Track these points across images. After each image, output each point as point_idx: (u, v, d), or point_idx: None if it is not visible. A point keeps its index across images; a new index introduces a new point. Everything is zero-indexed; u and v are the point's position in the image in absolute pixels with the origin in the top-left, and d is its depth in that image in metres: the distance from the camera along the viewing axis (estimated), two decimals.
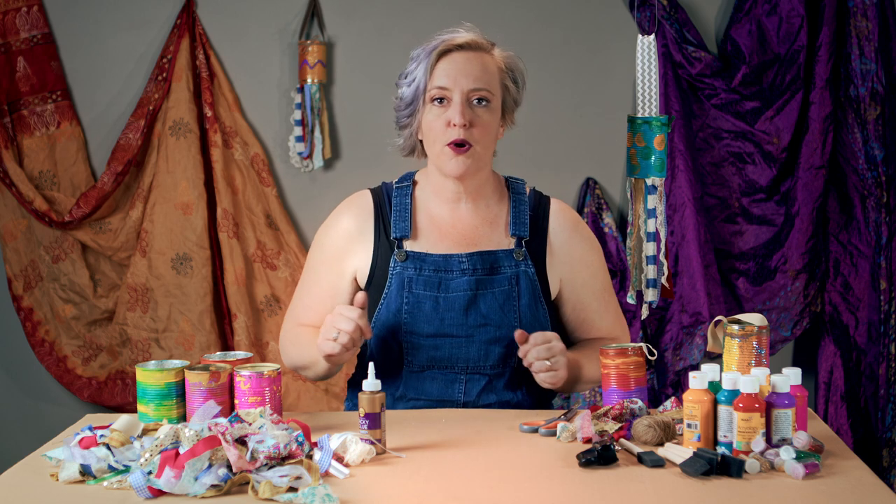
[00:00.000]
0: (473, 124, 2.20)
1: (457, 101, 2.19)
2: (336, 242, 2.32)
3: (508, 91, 2.27)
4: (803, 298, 3.85)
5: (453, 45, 2.22)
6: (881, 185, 3.76)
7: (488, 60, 2.24)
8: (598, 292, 2.35)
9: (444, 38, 2.24)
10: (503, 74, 2.26)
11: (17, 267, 3.88)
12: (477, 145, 2.21)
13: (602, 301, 2.36)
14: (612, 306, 2.38)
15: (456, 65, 2.21)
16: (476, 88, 2.20)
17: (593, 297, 2.35)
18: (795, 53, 3.77)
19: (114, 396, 3.86)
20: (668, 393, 3.80)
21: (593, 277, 2.35)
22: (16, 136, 3.84)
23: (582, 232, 2.36)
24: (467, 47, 2.22)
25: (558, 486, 1.73)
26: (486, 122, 2.22)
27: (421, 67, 2.22)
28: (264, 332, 3.85)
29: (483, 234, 2.29)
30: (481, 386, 2.25)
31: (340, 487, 1.71)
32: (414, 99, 2.24)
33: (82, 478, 1.77)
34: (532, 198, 2.34)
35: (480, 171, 2.27)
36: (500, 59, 2.26)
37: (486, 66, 2.23)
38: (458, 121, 2.18)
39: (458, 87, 2.20)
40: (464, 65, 2.21)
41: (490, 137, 2.23)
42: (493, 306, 2.22)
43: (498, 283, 2.24)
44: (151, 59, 3.87)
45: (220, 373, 2.00)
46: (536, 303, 2.26)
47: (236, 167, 3.86)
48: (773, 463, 1.77)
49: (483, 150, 2.23)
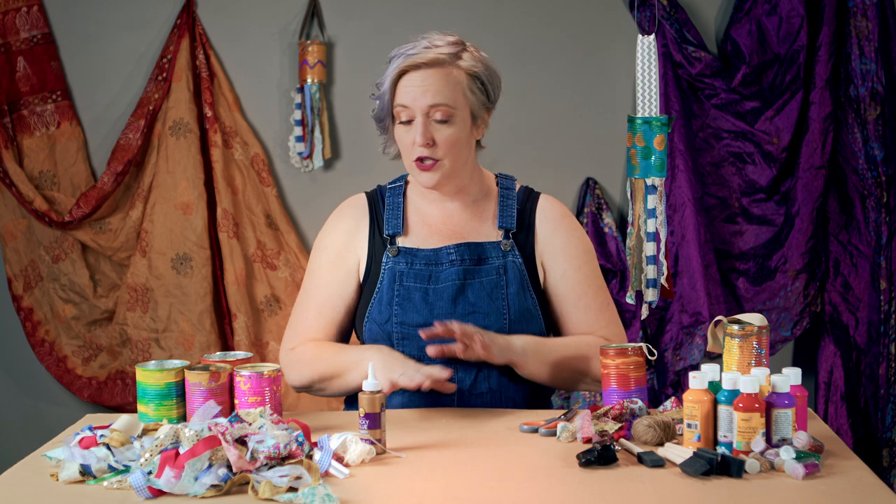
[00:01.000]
0: (436, 141, 2.24)
1: (418, 121, 2.24)
2: (336, 244, 2.36)
3: (476, 97, 2.28)
4: (803, 298, 3.85)
5: (411, 65, 2.24)
6: (881, 185, 3.76)
7: (448, 75, 2.25)
8: (579, 284, 2.33)
9: (408, 53, 2.25)
10: (467, 84, 2.27)
11: (17, 267, 3.88)
12: (444, 159, 2.26)
13: (584, 295, 2.33)
14: (596, 303, 2.34)
15: (414, 84, 2.24)
16: (436, 105, 2.23)
17: (571, 289, 2.32)
18: (795, 53, 3.76)
19: (114, 396, 3.86)
20: (668, 393, 3.80)
21: (576, 270, 2.33)
22: (16, 136, 3.84)
23: (567, 224, 2.36)
24: (425, 66, 2.24)
25: (558, 486, 1.73)
26: (448, 136, 2.25)
27: (385, 86, 2.27)
28: (264, 332, 3.85)
29: (471, 228, 2.34)
30: (473, 375, 2.26)
31: (340, 487, 1.71)
32: (384, 115, 2.30)
33: (82, 478, 1.77)
34: (521, 193, 2.38)
35: (454, 177, 2.30)
36: (465, 68, 2.26)
37: (447, 80, 2.24)
38: (420, 141, 2.23)
39: (418, 106, 2.23)
40: (421, 83, 2.23)
41: (457, 149, 2.26)
42: (482, 295, 2.24)
43: (485, 273, 2.27)
44: (151, 59, 3.87)
45: (220, 373, 2.00)
46: (525, 291, 2.29)
47: (236, 167, 3.86)
48: (773, 463, 1.77)
49: (451, 162, 2.27)
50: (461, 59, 2.27)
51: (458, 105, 2.25)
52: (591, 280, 2.35)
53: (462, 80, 2.26)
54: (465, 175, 2.33)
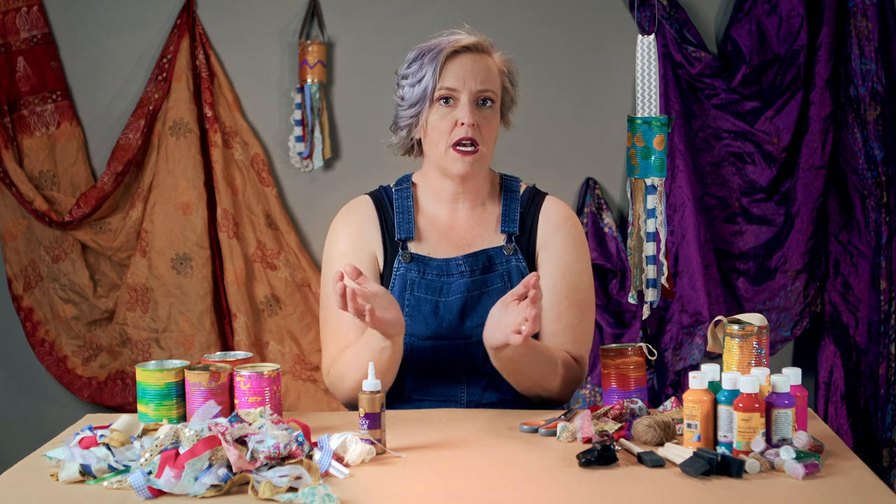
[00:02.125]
0: (480, 125, 2.23)
1: (464, 101, 2.22)
2: (346, 250, 2.30)
3: (507, 93, 2.31)
4: (803, 298, 3.85)
5: (460, 46, 2.25)
6: (881, 185, 3.76)
7: (491, 62, 2.28)
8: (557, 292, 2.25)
9: (450, 39, 2.26)
10: (503, 77, 2.30)
11: (17, 267, 3.88)
12: (483, 146, 2.24)
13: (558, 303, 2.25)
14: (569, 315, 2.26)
15: (464, 66, 2.23)
16: (483, 90, 2.24)
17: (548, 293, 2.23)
18: (795, 53, 3.77)
19: (114, 396, 3.86)
20: (668, 393, 3.80)
21: (560, 277, 2.27)
22: (16, 136, 3.84)
23: (569, 228, 2.32)
24: (473, 49, 2.26)
25: (558, 486, 1.73)
26: (491, 122, 2.25)
27: (428, 68, 2.23)
28: (264, 332, 3.85)
29: (477, 233, 2.31)
30: (483, 385, 2.25)
31: (340, 487, 1.71)
32: (420, 99, 2.25)
33: (82, 478, 1.77)
34: (526, 195, 2.35)
35: (482, 170, 2.30)
36: (500, 62, 2.30)
37: (489, 68, 2.26)
38: (468, 120, 2.21)
39: (467, 87, 2.23)
40: (471, 66, 2.24)
41: (493, 138, 2.27)
42: (489, 306, 2.22)
43: (492, 282, 2.26)
44: (151, 59, 3.87)
45: (220, 373, 2.00)
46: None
47: (236, 167, 3.86)
48: (773, 463, 1.77)
49: (487, 151, 2.26)
50: (496, 53, 2.30)
51: (498, 94, 2.27)
52: (572, 292, 2.28)
53: (500, 71, 2.29)
54: (485, 172, 2.32)
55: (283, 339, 3.85)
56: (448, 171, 2.26)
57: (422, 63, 2.25)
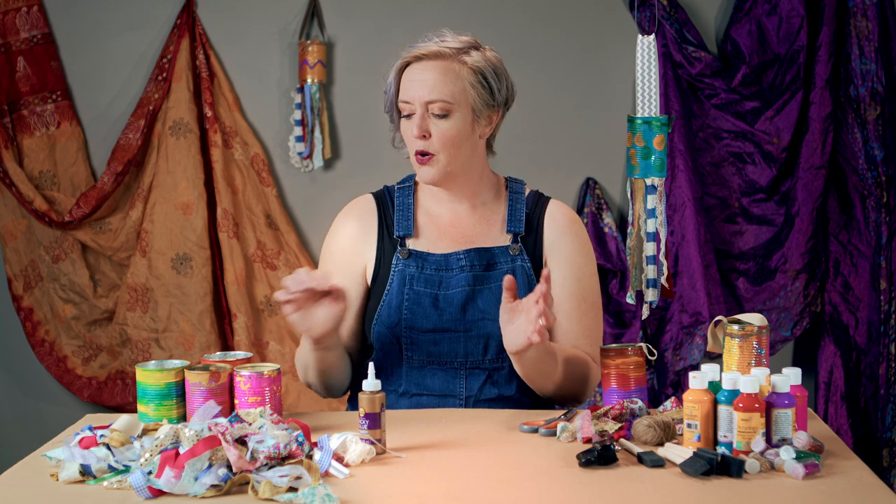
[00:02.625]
0: (432, 135, 2.24)
1: (417, 113, 2.24)
2: (344, 248, 2.34)
3: (479, 94, 2.26)
4: (803, 298, 3.85)
5: (413, 56, 2.25)
6: (881, 185, 3.76)
7: (449, 69, 2.24)
8: (573, 295, 2.29)
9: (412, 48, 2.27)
10: (470, 79, 2.25)
11: (17, 267, 3.88)
12: (439, 154, 2.24)
13: (576, 307, 2.29)
14: (587, 318, 2.30)
15: (414, 77, 2.24)
16: (432, 100, 2.23)
17: (565, 298, 2.28)
18: (795, 53, 3.77)
19: (114, 396, 3.86)
20: (668, 393, 3.80)
21: (575, 280, 2.30)
22: (16, 136, 3.84)
23: (575, 231, 2.34)
24: (426, 58, 2.24)
25: (558, 486, 1.73)
26: (444, 131, 2.23)
27: (391, 79, 2.28)
28: (264, 332, 3.85)
29: (480, 231, 2.32)
30: (482, 380, 2.26)
31: (340, 487, 1.71)
32: (391, 110, 2.31)
33: (82, 478, 1.77)
34: (531, 197, 2.36)
35: (454, 176, 2.28)
36: (471, 64, 2.25)
37: (445, 74, 2.23)
38: (415, 133, 2.24)
39: (416, 98, 2.23)
40: (421, 76, 2.23)
41: (453, 145, 2.24)
42: (491, 301, 2.23)
43: (495, 279, 2.26)
44: (151, 59, 3.87)
45: (220, 373, 2.00)
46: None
47: (236, 167, 3.86)
48: (773, 463, 1.77)
49: (448, 158, 2.25)
50: (467, 55, 2.26)
51: (458, 100, 2.23)
52: (587, 294, 2.31)
53: (464, 74, 2.24)
54: (473, 175, 2.31)
55: (283, 339, 3.85)
56: (417, 177, 2.31)
57: (389, 73, 2.29)
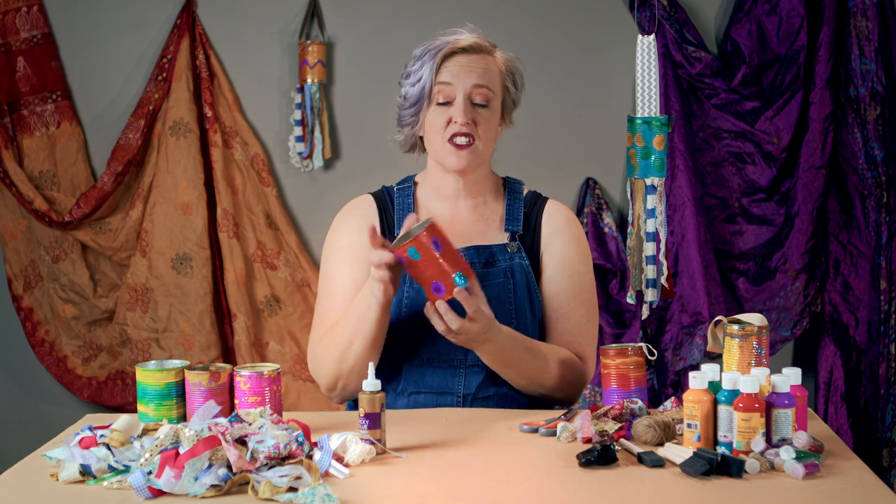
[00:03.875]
0: (476, 122, 2.26)
1: (460, 100, 2.26)
2: (350, 241, 2.33)
3: (508, 92, 2.34)
4: (803, 298, 3.85)
5: (458, 48, 2.28)
6: (881, 185, 3.76)
7: (490, 62, 2.30)
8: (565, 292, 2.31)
9: (449, 39, 2.29)
10: (503, 76, 2.32)
11: (17, 267, 3.88)
12: (479, 141, 2.27)
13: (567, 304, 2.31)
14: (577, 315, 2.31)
15: (460, 66, 2.27)
16: (479, 86, 2.26)
17: (556, 294, 2.30)
18: (795, 53, 3.77)
19: (114, 396, 3.86)
20: (668, 393, 3.80)
21: (567, 277, 2.32)
22: (16, 136, 3.84)
23: (571, 230, 2.36)
24: (471, 50, 2.29)
25: (558, 486, 1.73)
26: (487, 120, 2.28)
27: (426, 68, 2.27)
28: (264, 332, 3.85)
29: (479, 230, 2.33)
30: (480, 378, 2.26)
31: (340, 487, 1.71)
32: (419, 98, 2.29)
33: (82, 478, 1.77)
34: (529, 197, 2.39)
35: (480, 167, 2.32)
36: (501, 62, 2.32)
37: (488, 67, 2.29)
38: (462, 118, 2.25)
39: (462, 87, 2.26)
40: (467, 65, 2.27)
41: (490, 135, 2.29)
42: (489, 298, 2.23)
43: (493, 276, 2.27)
44: (151, 59, 3.87)
45: (220, 373, 2.00)
46: (531, 294, 2.29)
47: (236, 167, 3.86)
48: (773, 463, 1.77)
49: (484, 147, 2.28)
50: (498, 52, 2.33)
51: (496, 92, 2.29)
52: (580, 292, 2.33)
53: (500, 71, 2.31)
54: (484, 171, 2.34)
55: (283, 339, 3.85)
56: (446, 165, 2.29)
57: (422, 62, 2.29)
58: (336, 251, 2.34)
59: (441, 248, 2.04)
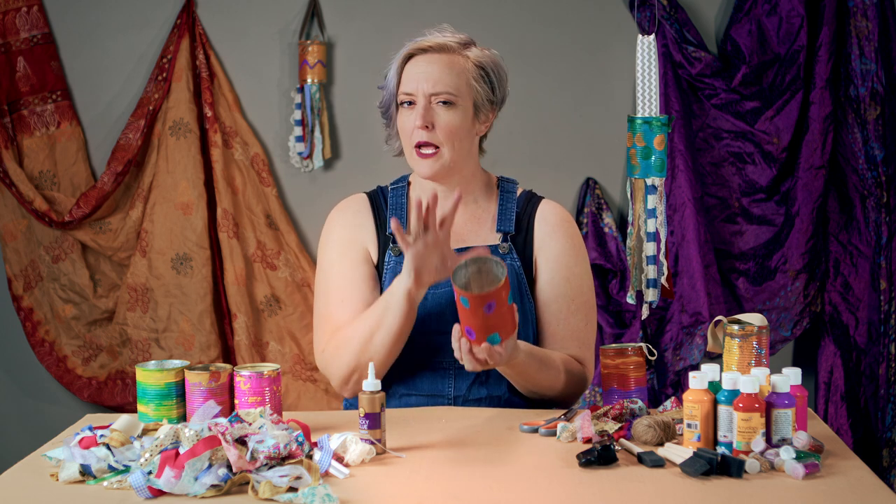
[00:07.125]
0: (436, 126, 2.24)
1: (420, 104, 2.24)
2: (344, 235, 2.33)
3: (479, 90, 2.28)
4: (803, 298, 3.85)
5: (418, 48, 2.26)
6: (881, 185, 3.76)
7: (455, 61, 2.26)
8: (563, 296, 2.29)
9: (414, 41, 2.28)
10: (471, 74, 2.26)
11: (17, 267, 3.88)
12: (443, 147, 2.24)
13: (565, 307, 2.29)
14: (575, 319, 2.29)
15: (418, 69, 2.25)
16: (437, 92, 2.23)
17: (554, 299, 2.28)
18: (795, 53, 3.77)
19: (114, 396, 3.86)
20: (668, 393, 3.80)
21: (564, 280, 2.30)
22: (16, 136, 3.84)
23: (566, 230, 2.33)
24: (431, 50, 2.26)
25: (558, 486, 1.73)
26: (449, 122, 2.24)
27: (392, 72, 2.28)
28: (264, 332, 3.85)
29: (470, 230, 2.33)
30: (471, 380, 2.25)
31: (340, 487, 1.71)
32: (389, 104, 2.30)
33: (82, 478, 1.77)
34: (522, 197, 2.37)
35: (453, 171, 2.29)
36: (473, 59, 2.27)
37: (450, 67, 2.25)
38: (419, 123, 2.23)
39: (420, 90, 2.24)
40: (426, 68, 2.24)
41: (456, 137, 2.25)
42: None
43: None
44: (151, 59, 3.87)
45: (220, 373, 2.00)
46: (522, 296, 2.28)
47: (236, 167, 3.86)
48: (773, 463, 1.77)
49: (451, 151, 2.25)
50: (469, 50, 2.28)
51: (461, 93, 2.25)
52: (576, 295, 2.30)
53: (468, 68, 2.26)
54: (468, 172, 2.32)
55: (283, 339, 3.85)
56: (415, 171, 2.30)
57: (390, 66, 2.29)
58: (333, 244, 2.34)
59: (494, 308, 1.95)
